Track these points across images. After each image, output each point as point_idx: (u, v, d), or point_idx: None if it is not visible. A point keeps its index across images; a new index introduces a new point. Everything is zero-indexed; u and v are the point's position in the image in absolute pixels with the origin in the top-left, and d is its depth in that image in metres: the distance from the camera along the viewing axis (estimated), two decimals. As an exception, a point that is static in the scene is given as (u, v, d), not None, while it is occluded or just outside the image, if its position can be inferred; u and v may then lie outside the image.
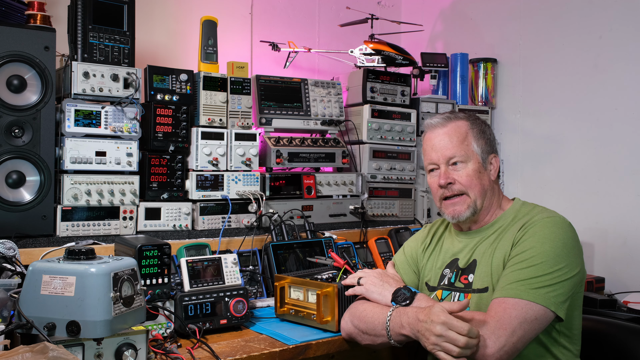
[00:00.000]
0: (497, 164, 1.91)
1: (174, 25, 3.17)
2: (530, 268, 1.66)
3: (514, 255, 1.73)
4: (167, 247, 2.00)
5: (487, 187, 1.88)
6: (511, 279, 1.67)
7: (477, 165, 1.86)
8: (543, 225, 1.74)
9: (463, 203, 1.86)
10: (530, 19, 3.37)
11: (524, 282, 1.64)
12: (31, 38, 2.24)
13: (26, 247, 2.22)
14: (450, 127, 1.89)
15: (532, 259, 1.67)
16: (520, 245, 1.73)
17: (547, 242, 1.70)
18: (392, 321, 1.75)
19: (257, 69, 3.32)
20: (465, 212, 1.86)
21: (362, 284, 1.94)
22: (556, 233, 1.72)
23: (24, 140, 2.25)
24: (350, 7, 3.55)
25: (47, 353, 1.31)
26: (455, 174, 1.86)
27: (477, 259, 1.86)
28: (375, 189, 3.17)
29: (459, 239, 1.96)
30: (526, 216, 1.83)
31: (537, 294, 1.62)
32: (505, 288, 1.66)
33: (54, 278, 1.54)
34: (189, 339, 1.96)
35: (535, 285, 1.63)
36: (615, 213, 2.95)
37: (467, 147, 1.86)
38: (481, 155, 1.87)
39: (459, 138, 1.87)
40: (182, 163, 2.62)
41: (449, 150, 1.86)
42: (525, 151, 3.36)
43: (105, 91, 2.40)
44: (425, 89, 3.59)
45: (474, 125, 1.90)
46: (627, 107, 2.92)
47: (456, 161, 1.86)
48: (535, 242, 1.70)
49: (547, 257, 1.67)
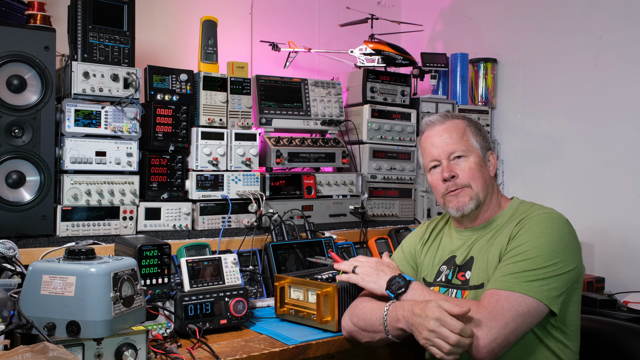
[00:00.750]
0: (494, 161, 1.96)
1: (174, 25, 3.17)
2: (525, 262, 1.67)
3: (509, 249, 1.74)
4: (167, 247, 2.00)
5: (489, 182, 1.91)
6: (505, 271, 1.68)
7: (479, 159, 1.89)
8: (539, 221, 1.75)
9: (466, 195, 1.87)
10: (530, 19, 3.37)
11: (517, 275, 1.64)
12: (31, 38, 2.24)
13: (26, 247, 2.22)
14: (448, 124, 1.93)
15: (527, 253, 1.68)
16: (516, 240, 1.74)
17: (543, 236, 1.71)
18: (389, 315, 1.77)
19: (257, 69, 3.33)
20: (469, 203, 1.87)
21: (357, 273, 1.95)
22: (552, 228, 1.73)
23: (24, 140, 2.25)
24: (350, 7, 3.56)
25: (47, 353, 1.31)
26: (458, 167, 1.88)
27: (474, 255, 1.87)
28: (375, 189, 3.17)
29: (458, 236, 1.97)
30: (523, 213, 1.85)
31: (530, 286, 1.62)
32: (498, 280, 1.67)
33: (54, 278, 1.54)
34: (189, 339, 1.96)
35: (529, 279, 1.63)
36: (615, 213, 2.95)
37: (467, 142, 1.90)
38: (480, 150, 1.91)
39: (458, 134, 1.90)
40: (182, 163, 2.62)
41: (450, 145, 1.89)
42: (525, 151, 3.36)
43: (105, 91, 2.40)
44: (425, 89, 3.59)
45: (471, 123, 1.95)
46: (627, 107, 2.92)
47: (458, 155, 1.88)
48: (531, 236, 1.72)
49: (542, 251, 1.68)
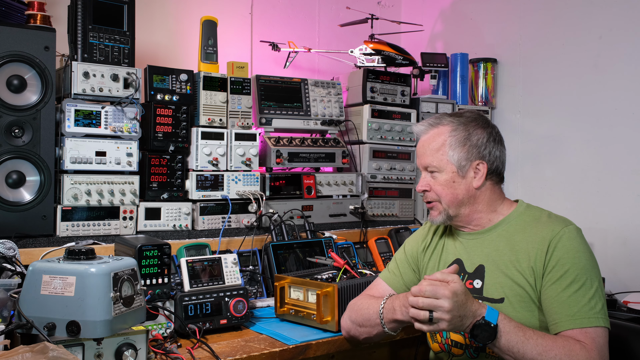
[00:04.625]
0: (484, 170, 1.85)
1: (174, 25, 3.17)
2: (581, 289, 1.69)
3: (556, 275, 1.72)
4: (167, 247, 2.00)
5: (463, 197, 1.85)
6: (572, 303, 1.68)
7: (451, 175, 1.85)
8: (569, 238, 1.76)
9: (436, 209, 1.90)
10: (530, 18, 3.37)
11: (587, 307, 1.67)
12: (31, 38, 2.24)
13: (26, 247, 2.22)
14: (430, 134, 1.89)
15: (577, 277, 1.70)
16: (558, 265, 1.73)
17: (581, 254, 1.73)
18: (385, 308, 1.80)
19: (257, 69, 3.32)
20: (438, 217, 1.89)
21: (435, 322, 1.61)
22: (581, 242, 1.77)
23: (24, 140, 2.25)
24: (350, 7, 3.55)
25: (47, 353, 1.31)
26: (432, 181, 1.88)
27: (484, 264, 1.85)
28: (375, 189, 3.17)
29: (461, 239, 1.95)
30: (540, 225, 1.81)
31: (599, 316, 1.67)
32: (576, 317, 1.67)
33: (54, 278, 1.54)
34: (189, 339, 1.96)
35: (597, 308, 1.67)
36: (615, 213, 2.95)
37: (442, 157, 1.85)
38: (458, 164, 1.84)
39: (435, 147, 1.86)
40: (182, 163, 2.62)
41: (425, 158, 1.89)
42: (526, 151, 3.36)
43: (105, 91, 2.40)
44: (425, 89, 3.59)
45: (456, 132, 1.86)
46: (627, 107, 2.92)
47: (431, 170, 1.88)
48: (571, 257, 1.73)
49: (587, 270, 1.71)
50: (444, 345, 1.92)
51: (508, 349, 1.60)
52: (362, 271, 2.27)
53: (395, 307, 1.76)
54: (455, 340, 1.88)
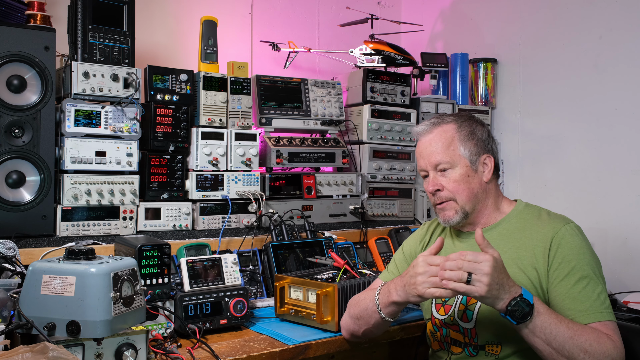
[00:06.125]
0: (491, 164, 1.89)
1: (174, 25, 3.17)
2: (590, 285, 1.71)
3: (563, 272, 1.73)
4: (167, 247, 2.00)
5: (478, 190, 1.87)
6: (583, 299, 1.70)
7: (465, 170, 1.85)
8: (571, 235, 1.78)
9: (451, 209, 1.87)
10: (530, 19, 3.37)
11: (597, 301, 1.69)
12: (31, 38, 2.24)
13: (26, 247, 2.22)
14: (436, 132, 1.89)
15: (584, 273, 1.72)
16: (564, 262, 1.74)
17: (585, 251, 1.76)
18: (381, 293, 1.82)
19: (257, 69, 3.32)
20: (454, 217, 1.87)
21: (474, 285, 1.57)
22: (583, 239, 1.79)
23: (24, 140, 2.25)
24: (350, 7, 3.55)
25: (47, 353, 1.31)
26: (443, 180, 1.87)
27: None
28: (375, 189, 3.17)
29: (460, 239, 1.96)
30: (540, 223, 1.83)
31: (610, 310, 1.71)
32: (589, 312, 1.69)
33: (54, 278, 1.54)
34: (189, 339, 1.96)
35: (606, 303, 1.70)
36: (615, 213, 2.94)
37: (453, 152, 1.86)
38: (470, 158, 1.86)
39: (445, 144, 1.86)
40: (182, 163, 2.62)
41: (435, 157, 1.87)
42: (525, 151, 3.36)
43: (105, 91, 2.40)
44: (425, 89, 3.59)
45: (462, 128, 1.88)
46: (627, 107, 2.92)
47: (443, 167, 1.86)
48: (576, 254, 1.75)
49: (592, 266, 1.74)
50: (443, 344, 1.92)
51: (541, 330, 1.59)
52: (362, 271, 2.27)
53: (391, 290, 1.76)
54: (454, 338, 1.88)
